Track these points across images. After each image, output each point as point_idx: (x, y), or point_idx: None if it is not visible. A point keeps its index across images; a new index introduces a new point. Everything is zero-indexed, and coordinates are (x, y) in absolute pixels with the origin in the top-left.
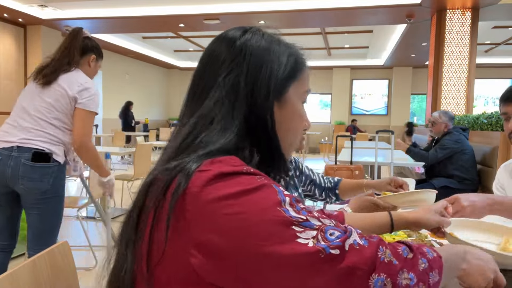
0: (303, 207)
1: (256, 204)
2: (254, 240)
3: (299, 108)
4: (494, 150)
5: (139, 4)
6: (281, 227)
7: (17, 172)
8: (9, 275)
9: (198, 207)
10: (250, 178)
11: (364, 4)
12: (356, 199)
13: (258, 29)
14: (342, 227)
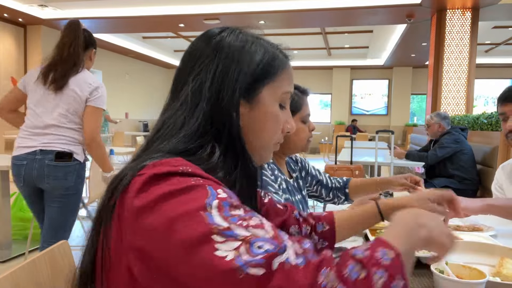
0: (237, 214)
1: (178, 208)
2: (175, 249)
3: (273, 110)
4: (494, 150)
5: (139, 4)
6: (199, 235)
7: (42, 172)
8: (9, 275)
9: (131, 213)
10: (183, 179)
11: (364, 4)
12: (359, 202)
13: (237, 28)
14: (280, 239)
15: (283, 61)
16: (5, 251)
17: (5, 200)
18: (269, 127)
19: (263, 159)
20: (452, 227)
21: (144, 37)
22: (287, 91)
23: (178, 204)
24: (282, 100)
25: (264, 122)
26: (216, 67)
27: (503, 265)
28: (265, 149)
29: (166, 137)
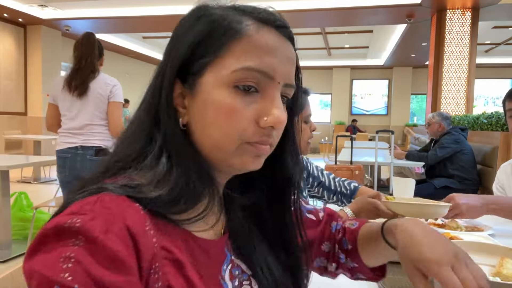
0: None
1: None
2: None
3: (217, 96)
4: (494, 150)
5: (139, 4)
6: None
7: (85, 165)
8: (9, 275)
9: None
10: (59, 252)
11: (364, 4)
12: (357, 201)
13: (204, 7)
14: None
15: (246, 28)
16: (5, 251)
17: (5, 200)
18: (214, 120)
19: (230, 166)
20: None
21: (144, 37)
22: (242, 67)
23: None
24: (236, 81)
25: (204, 113)
26: (164, 55)
27: (503, 265)
28: (223, 152)
29: (119, 144)
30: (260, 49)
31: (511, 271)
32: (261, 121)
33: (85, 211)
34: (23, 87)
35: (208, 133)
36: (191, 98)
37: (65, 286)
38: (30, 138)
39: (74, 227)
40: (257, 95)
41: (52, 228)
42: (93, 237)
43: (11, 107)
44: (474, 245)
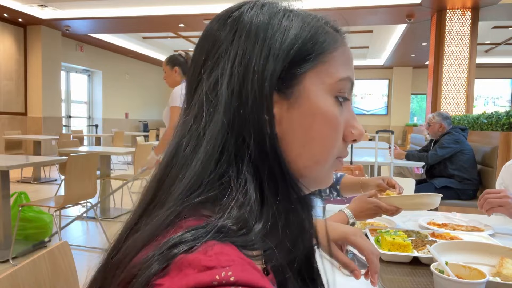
0: None
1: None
2: None
3: (325, 104)
4: (494, 150)
5: (139, 4)
6: None
7: None
8: (9, 275)
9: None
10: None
11: (364, 4)
12: (357, 201)
13: (255, 5)
14: None
15: (335, 37)
16: (5, 251)
17: (5, 200)
18: (320, 132)
19: (318, 183)
20: (452, 227)
21: (144, 37)
22: (345, 76)
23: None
24: (339, 91)
25: (312, 124)
26: (236, 54)
27: (503, 265)
28: (320, 168)
29: (179, 173)
30: (350, 60)
31: (511, 271)
32: (347, 134)
33: (226, 262)
34: (23, 87)
35: (310, 144)
36: (287, 106)
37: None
38: (30, 138)
39: (229, 281)
40: (344, 107)
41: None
42: (258, 286)
43: (11, 107)
44: (474, 245)
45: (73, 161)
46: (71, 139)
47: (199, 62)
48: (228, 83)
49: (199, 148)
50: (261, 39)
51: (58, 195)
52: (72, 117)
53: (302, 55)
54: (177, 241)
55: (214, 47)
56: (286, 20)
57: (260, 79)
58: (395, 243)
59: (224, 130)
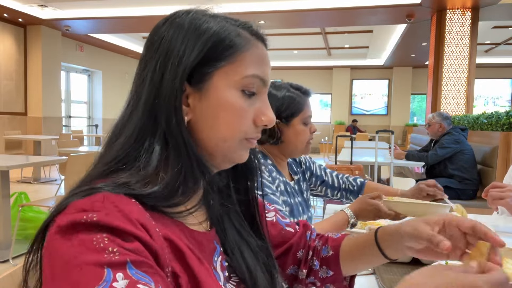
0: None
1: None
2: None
3: (228, 97)
4: (494, 150)
5: (139, 4)
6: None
7: None
8: (9, 275)
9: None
10: (87, 238)
11: (364, 4)
12: (358, 201)
13: (186, 12)
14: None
15: (245, 40)
16: (5, 251)
17: (5, 200)
18: (225, 119)
19: (230, 159)
20: None
21: (144, 37)
22: (250, 74)
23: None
24: (244, 86)
25: (217, 113)
26: (159, 55)
27: (503, 265)
28: (228, 147)
29: (107, 147)
30: (261, 61)
31: (511, 271)
32: (258, 120)
33: (97, 208)
34: (23, 87)
35: (217, 129)
36: (199, 97)
37: (115, 263)
38: (30, 138)
39: (92, 221)
40: (255, 98)
41: (68, 224)
42: (113, 226)
43: (11, 107)
44: None
45: (73, 161)
46: (71, 139)
47: (141, 59)
48: (151, 78)
49: (124, 128)
50: (179, 42)
51: (58, 195)
52: (72, 117)
53: (212, 57)
54: (77, 191)
55: (149, 49)
56: (203, 25)
57: (173, 76)
58: None
59: (143, 114)
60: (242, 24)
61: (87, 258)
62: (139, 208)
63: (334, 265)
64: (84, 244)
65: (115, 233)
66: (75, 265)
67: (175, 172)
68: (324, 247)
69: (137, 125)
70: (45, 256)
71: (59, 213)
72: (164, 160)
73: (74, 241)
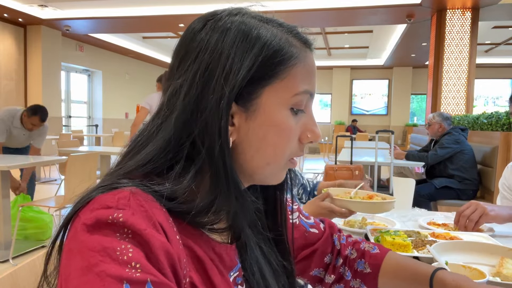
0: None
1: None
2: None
3: (279, 118)
4: (494, 150)
5: (139, 4)
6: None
7: None
8: (9, 275)
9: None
10: (112, 246)
11: (364, 4)
12: (310, 205)
13: (237, 10)
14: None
15: (297, 51)
16: (5, 251)
17: (5, 200)
18: (273, 141)
19: (271, 180)
20: (452, 226)
21: (144, 37)
22: (302, 90)
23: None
24: (295, 104)
25: (264, 134)
26: (198, 67)
27: (503, 265)
28: (271, 169)
29: (135, 152)
30: (311, 72)
31: (511, 271)
32: (304, 138)
33: (122, 205)
34: (23, 87)
35: (263, 151)
36: (245, 117)
37: (135, 281)
38: None
39: (118, 223)
40: (302, 114)
41: (93, 223)
42: (139, 231)
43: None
44: (474, 245)
45: (73, 161)
46: (71, 139)
47: (173, 67)
48: (187, 93)
49: (151, 140)
50: (226, 55)
51: (58, 195)
52: (72, 117)
53: (262, 73)
54: (103, 185)
55: (184, 58)
56: (253, 34)
57: (219, 95)
58: (395, 243)
59: (175, 131)
60: (291, 30)
61: (109, 269)
62: (163, 212)
63: (371, 283)
64: (107, 252)
65: (140, 242)
66: (96, 273)
67: (209, 195)
68: (359, 261)
69: (167, 140)
70: (66, 251)
71: (83, 207)
72: (197, 181)
73: (98, 245)
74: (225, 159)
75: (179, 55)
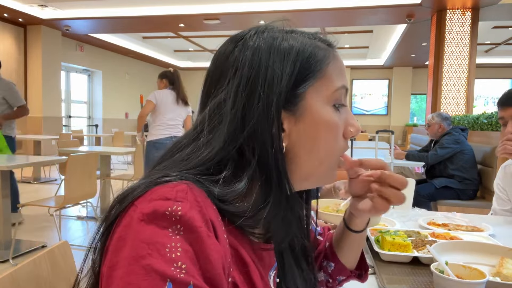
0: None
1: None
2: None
3: (325, 116)
4: (494, 150)
5: (139, 4)
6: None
7: None
8: (9, 275)
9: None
10: (163, 241)
11: (364, 4)
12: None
13: (262, 27)
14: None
15: (326, 52)
16: (5, 251)
17: (5, 200)
18: (325, 138)
19: (325, 180)
20: (452, 226)
21: (144, 37)
22: (340, 86)
23: (119, 278)
24: (336, 99)
25: (316, 133)
26: (239, 82)
27: (503, 265)
28: (326, 167)
29: (187, 154)
30: (342, 69)
31: (511, 271)
32: (347, 132)
33: (181, 198)
34: (23, 87)
35: (317, 150)
36: (294, 121)
37: (178, 281)
38: (30, 138)
39: (176, 215)
40: (343, 109)
41: (150, 213)
42: (195, 227)
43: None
44: (474, 245)
45: (73, 161)
46: (71, 139)
47: (214, 77)
48: (232, 105)
49: (195, 153)
50: (264, 66)
51: (58, 195)
52: (72, 117)
53: (302, 76)
54: (161, 175)
55: (222, 75)
56: (284, 44)
57: (266, 103)
58: (395, 243)
59: (225, 138)
60: (314, 36)
61: (156, 263)
62: (214, 210)
63: (332, 256)
64: (157, 247)
65: (192, 240)
66: (142, 265)
67: (261, 201)
68: (326, 243)
69: (219, 148)
70: (117, 238)
71: (140, 196)
72: (248, 189)
73: (149, 238)
74: (279, 166)
75: (214, 75)
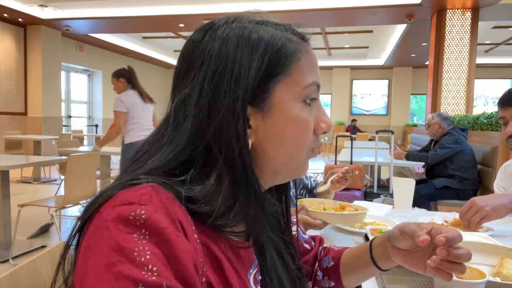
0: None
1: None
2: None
3: (294, 111)
4: (494, 150)
5: (139, 4)
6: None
7: None
8: (9, 275)
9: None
10: (130, 246)
11: (364, 4)
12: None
13: (233, 17)
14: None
15: (299, 45)
16: (5, 251)
17: (5, 200)
18: (293, 135)
19: (297, 173)
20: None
21: (144, 37)
22: (311, 82)
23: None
24: (306, 96)
25: (283, 130)
26: (205, 76)
27: (503, 265)
28: (294, 162)
29: (144, 160)
30: (314, 64)
31: (511, 271)
32: (318, 129)
33: (145, 201)
34: (23, 87)
35: (285, 147)
36: (261, 117)
37: (150, 284)
38: (30, 138)
39: (141, 220)
40: (314, 104)
41: (114, 219)
42: (160, 229)
43: (11, 107)
44: (474, 245)
45: (73, 161)
46: (71, 139)
47: (180, 73)
48: (197, 101)
49: (164, 146)
50: (231, 59)
51: (58, 195)
52: (72, 117)
53: (271, 71)
54: (129, 178)
55: (190, 67)
56: (253, 36)
57: (232, 99)
58: None
59: (191, 134)
60: (287, 28)
61: (126, 270)
62: (183, 210)
63: (335, 276)
64: (125, 252)
65: (160, 243)
66: (113, 272)
67: (230, 199)
68: (326, 258)
69: (183, 147)
70: (84, 247)
71: (104, 202)
72: (216, 186)
73: (117, 244)
74: (245, 163)
75: (182, 67)
